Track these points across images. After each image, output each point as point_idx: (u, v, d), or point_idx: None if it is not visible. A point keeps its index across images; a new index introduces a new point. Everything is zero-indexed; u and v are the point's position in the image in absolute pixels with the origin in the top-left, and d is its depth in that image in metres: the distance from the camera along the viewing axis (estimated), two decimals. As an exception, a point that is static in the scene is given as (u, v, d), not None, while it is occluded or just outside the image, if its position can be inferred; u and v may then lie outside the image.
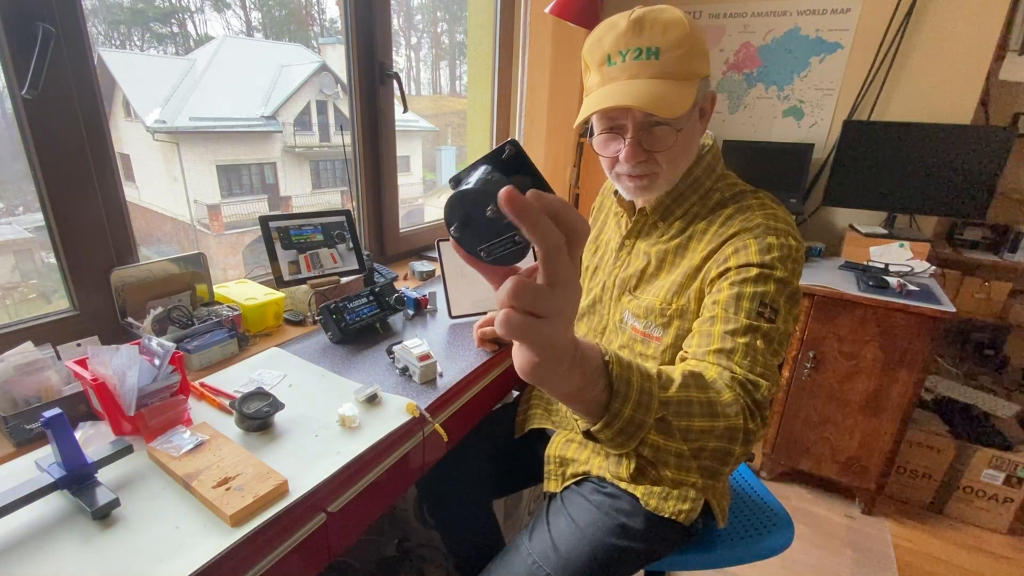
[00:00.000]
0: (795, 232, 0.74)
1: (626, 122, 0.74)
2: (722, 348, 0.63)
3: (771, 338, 0.65)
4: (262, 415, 0.75)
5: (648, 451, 0.48)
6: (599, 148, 0.80)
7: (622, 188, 0.83)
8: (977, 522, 1.76)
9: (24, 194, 4.76)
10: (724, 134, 2.17)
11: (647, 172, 0.77)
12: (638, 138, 0.74)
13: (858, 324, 1.60)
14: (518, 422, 1.09)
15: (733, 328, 0.65)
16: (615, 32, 0.71)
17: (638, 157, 0.75)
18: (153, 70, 7.42)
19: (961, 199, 1.76)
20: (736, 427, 0.53)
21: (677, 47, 0.69)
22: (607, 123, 0.77)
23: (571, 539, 0.81)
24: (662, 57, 0.69)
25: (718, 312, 0.68)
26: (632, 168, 0.77)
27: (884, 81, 1.85)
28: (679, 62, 0.69)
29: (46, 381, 0.76)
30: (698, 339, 0.67)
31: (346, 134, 1.45)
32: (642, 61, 0.69)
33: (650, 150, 0.75)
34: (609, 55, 0.71)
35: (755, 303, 0.66)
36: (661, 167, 0.76)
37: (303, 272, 1.17)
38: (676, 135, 0.74)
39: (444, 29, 13.79)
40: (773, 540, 0.95)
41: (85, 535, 0.57)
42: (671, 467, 0.49)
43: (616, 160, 0.78)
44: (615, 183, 0.84)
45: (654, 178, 0.78)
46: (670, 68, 0.69)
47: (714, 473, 0.53)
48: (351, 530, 0.75)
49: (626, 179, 0.79)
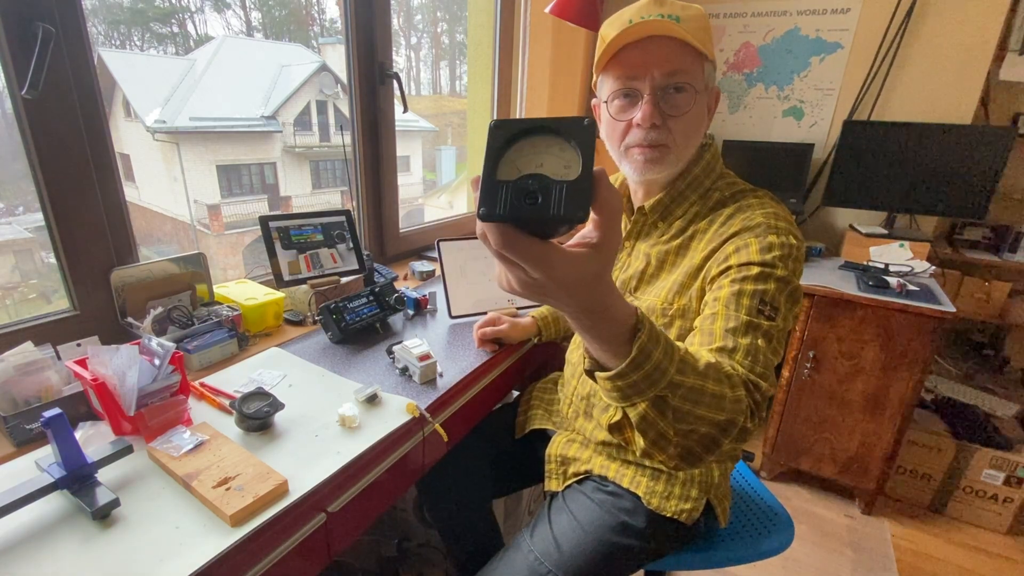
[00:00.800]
0: (795, 231, 0.74)
1: (644, 83, 0.73)
2: (724, 347, 0.64)
3: (771, 336, 0.65)
4: (262, 415, 0.75)
5: (635, 416, 0.50)
6: (612, 112, 0.78)
7: (629, 164, 0.80)
8: (977, 522, 1.76)
9: (24, 194, 4.76)
10: (724, 134, 2.16)
11: (659, 142, 0.76)
12: (656, 98, 0.74)
13: (858, 324, 1.60)
14: (518, 422, 1.09)
15: (734, 326, 0.65)
16: (636, 4, 0.74)
17: (655, 119, 0.74)
18: (153, 70, 7.42)
19: (961, 199, 1.76)
20: (735, 423, 0.55)
21: (695, 20, 0.73)
22: (624, 83, 0.75)
23: (573, 536, 0.81)
24: (681, 23, 0.71)
25: (719, 309, 0.68)
26: (645, 135, 0.75)
27: (884, 81, 1.85)
28: (697, 32, 0.72)
29: (46, 381, 0.76)
30: (700, 337, 0.68)
31: (346, 134, 1.45)
32: (663, 20, 0.71)
33: (667, 114, 0.75)
34: (630, 19, 0.73)
35: (755, 300, 0.66)
36: (674, 138, 0.76)
37: (303, 272, 1.17)
38: (694, 100, 0.74)
39: (444, 29, 13.79)
40: (773, 540, 0.95)
41: (85, 535, 0.57)
42: (648, 439, 0.52)
43: (629, 128, 0.77)
44: (622, 162, 0.82)
45: (664, 152, 0.76)
46: (689, 32, 0.71)
47: (696, 457, 0.55)
48: (351, 530, 0.75)
49: (636, 151, 0.77)
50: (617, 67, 0.75)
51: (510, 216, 0.35)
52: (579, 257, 0.38)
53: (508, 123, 0.37)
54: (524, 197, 0.35)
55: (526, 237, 0.36)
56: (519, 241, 0.36)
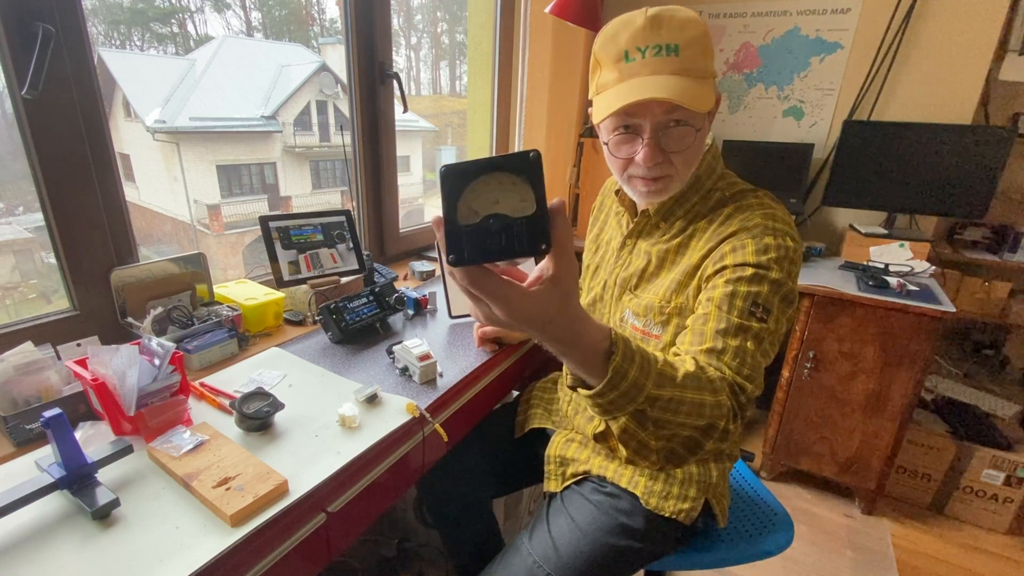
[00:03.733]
0: (793, 232, 0.74)
1: (644, 122, 0.72)
2: (713, 348, 0.65)
3: (761, 338, 0.66)
4: (262, 415, 0.75)
5: (616, 428, 0.53)
6: (613, 150, 0.77)
7: (633, 191, 0.81)
8: (977, 522, 1.76)
9: (24, 194, 4.76)
10: (724, 134, 2.16)
11: (662, 175, 0.76)
12: (656, 138, 0.73)
13: (858, 324, 1.60)
14: (518, 422, 1.09)
15: (725, 327, 0.66)
16: (631, 28, 0.70)
17: (656, 158, 0.73)
18: (153, 70, 7.41)
19: (961, 199, 1.76)
20: (715, 426, 0.57)
21: (694, 45, 0.69)
22: (623, 122, 0.74)
23: (571, 539, 0.81)
24: (681, 54, 0.69)
25: (711, 310, 0.68)
26: (648, 171, 0.75)
27: (884, 81, 1.85)
28: (696, 60, 0.70)
29: (46, 381, 0.76)
30: (691, 337, 0.68)
31: (346, 134, 1.45)
32: (663, 57, 0.69)
33: (668, 151, 0.74)
34: (627, 51, 0.70)
35: (748, 302, 0.67)
36: (676, 169, 0.75)
37: (303, 272, 1.17)
38: (695, 136, 0.73)
39: (444, 29, 13.78)
40: (773, 540, 0.95)
41: (85, 535, 0.57)
42: (630, 449, 0.55)
43: (630, 162, 0.76)
44: (625, 185, 0.82)
45: (668, 181, 0.77)
46: (689, 65, 0.69)
47: (680, 459, 0.58)
48: (351, 530, 0.75)
49: (639, 182, 0.77)
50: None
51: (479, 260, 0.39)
52: (537, 295, 0.42)
53: (458, 167, 0.38)
54: (487, 239, 0.38)
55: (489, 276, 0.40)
56: (483, 280, 0.41)
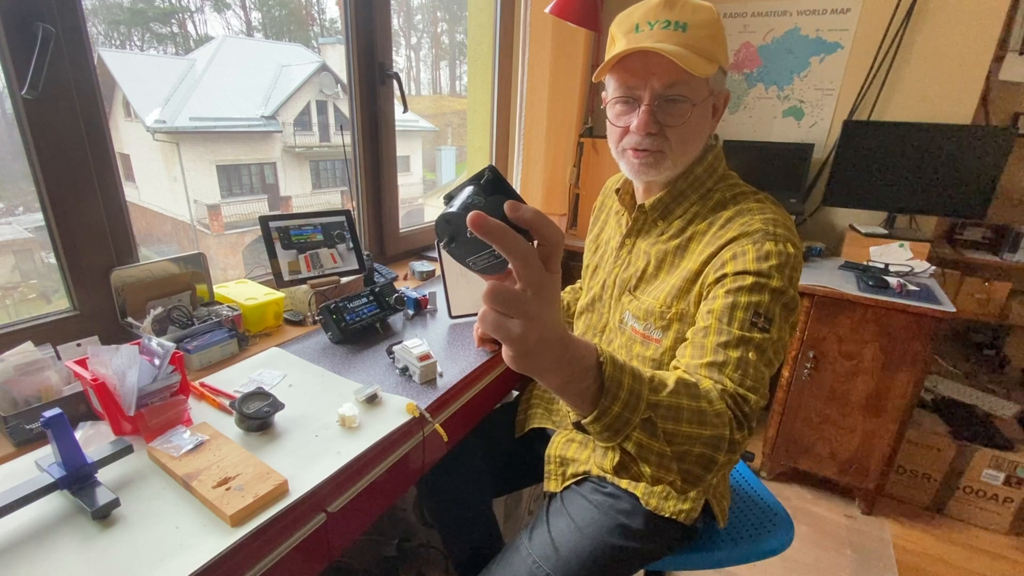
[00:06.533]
0: (794, 238, 0.73)
1: (643, 91, 0.74)
2: (714, 361, 0.64)
3: (763, 348, 0.65)
4: (262, 415, 0.75)
5: (632, 447, 0.50)
6: (611, 116, 0.79)
7: (626, 165, 0.81)
8: (977, 522, 1.76)
9: (24, 194, 4.77)
10: (724, 134, 2.16)
11: (655, 148, 0.76)
12: (653, 108, 0.74)
13: (858, 324, 1.60)
14: (518, 421, 1.09)
15: (726, 340, 0.65)
16: (646, 6, 0.74)
17: (650, 128, 0.75)
18: (153, 70, 7.42)
19: (961, 199, 1.76)
20: (722, 436, 0.55)
21: (704, 27, 0.72)
22: (624, 90, 0.76)
23: (571, 539, 0.81)
24: (689, 32, 0.71)
25: (712, 323, 0.68)
26: (640, 140, 0.76)
27: (884, 81, 1.85)
28: (704, 41, 0.72)
29: (46, 381, 0.76)
30: (691, 350, 0.68)
31: (346, 134, 1.45)
32: (670, 31, 0.71)
33: (663, 124, 0.75)
34: (637, 24, 0.73)
35: (749, 313, 0.66)
36: (670, 144, 0.76)
37: (303, 272, 1.17)
38: (691, 111, 0.74)
39: (444, 29, 13.79)
40: (773, 540, 0.95)
41: (85, 535, 0.57)
42: (652, 464, 0.52)
43: (625, 132, 0.77)
44: (620, 160, 0.83)
45: (660, 157, 0.77)
46: (695, 43, 0.71)
47: (696, 478, 0.55)
48: (351, 530, 0.75)
49: (631, 153, 0.78)
50: (619, 73, 0.76)
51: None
52: None
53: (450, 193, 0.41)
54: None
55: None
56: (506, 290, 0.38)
